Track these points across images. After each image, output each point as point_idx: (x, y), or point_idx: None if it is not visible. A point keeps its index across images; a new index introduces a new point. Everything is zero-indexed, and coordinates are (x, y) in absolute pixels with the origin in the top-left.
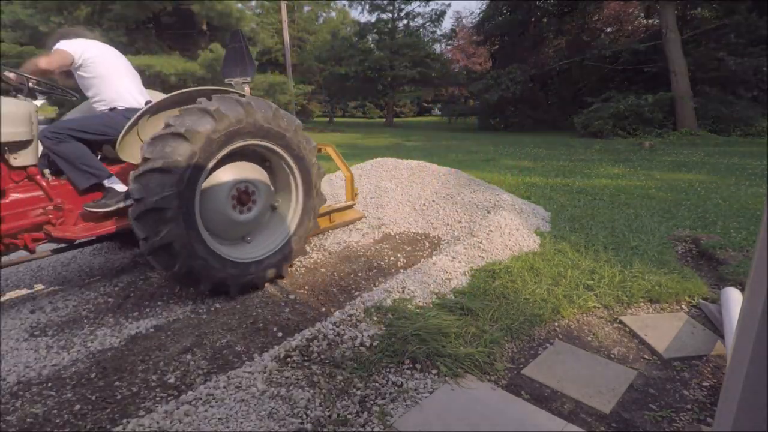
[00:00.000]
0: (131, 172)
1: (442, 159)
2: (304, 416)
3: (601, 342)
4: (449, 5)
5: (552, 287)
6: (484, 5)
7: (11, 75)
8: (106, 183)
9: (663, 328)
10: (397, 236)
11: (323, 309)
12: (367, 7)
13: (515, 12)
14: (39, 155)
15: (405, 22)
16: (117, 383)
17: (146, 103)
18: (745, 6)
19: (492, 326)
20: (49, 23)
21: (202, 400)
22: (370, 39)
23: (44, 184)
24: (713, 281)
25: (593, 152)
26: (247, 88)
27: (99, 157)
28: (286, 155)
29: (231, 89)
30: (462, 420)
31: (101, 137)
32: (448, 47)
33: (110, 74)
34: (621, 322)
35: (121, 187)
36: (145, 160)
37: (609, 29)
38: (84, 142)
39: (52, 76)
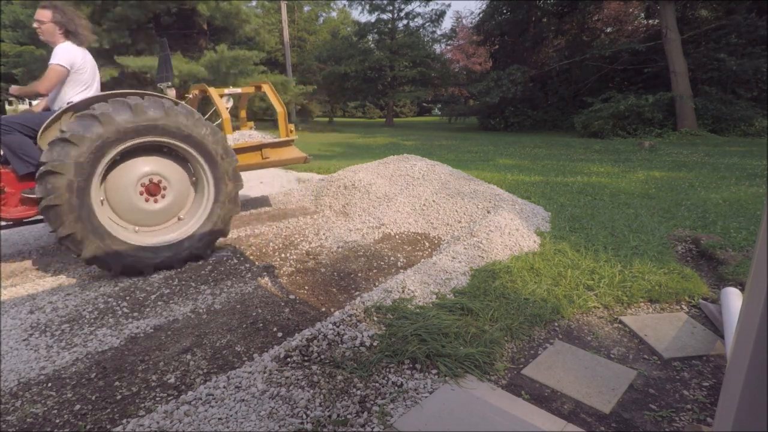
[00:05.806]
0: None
1: (440, 159)
2: (304, 416)
3: (601, 342)
4: (449, 5)
5: (552, 287)
6: (484, 5)
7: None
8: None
9: (663, 328)
10: (397, 236)
11: (323, 309)
12: (367, 7)
13: (515, 12)
14: None
15: (405, 22)
16: (117, 383)
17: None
18: (745, 6)
19: (492, 326)
20: None
21: (202, 400)
22: (370, 39)
23: None
24: (713, 281)
25: (593, 152)
26: (171, 92)
27: None
28: (199, 157)
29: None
30: (462, 420)
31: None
32: (448, 47)
33: (72, 81)
34: (621, 322)
35: None
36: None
37: (609, 29)
38: (28, 136)
39: None
